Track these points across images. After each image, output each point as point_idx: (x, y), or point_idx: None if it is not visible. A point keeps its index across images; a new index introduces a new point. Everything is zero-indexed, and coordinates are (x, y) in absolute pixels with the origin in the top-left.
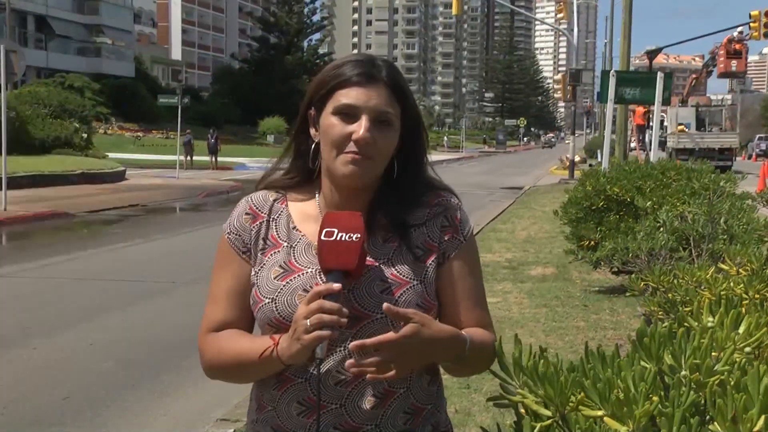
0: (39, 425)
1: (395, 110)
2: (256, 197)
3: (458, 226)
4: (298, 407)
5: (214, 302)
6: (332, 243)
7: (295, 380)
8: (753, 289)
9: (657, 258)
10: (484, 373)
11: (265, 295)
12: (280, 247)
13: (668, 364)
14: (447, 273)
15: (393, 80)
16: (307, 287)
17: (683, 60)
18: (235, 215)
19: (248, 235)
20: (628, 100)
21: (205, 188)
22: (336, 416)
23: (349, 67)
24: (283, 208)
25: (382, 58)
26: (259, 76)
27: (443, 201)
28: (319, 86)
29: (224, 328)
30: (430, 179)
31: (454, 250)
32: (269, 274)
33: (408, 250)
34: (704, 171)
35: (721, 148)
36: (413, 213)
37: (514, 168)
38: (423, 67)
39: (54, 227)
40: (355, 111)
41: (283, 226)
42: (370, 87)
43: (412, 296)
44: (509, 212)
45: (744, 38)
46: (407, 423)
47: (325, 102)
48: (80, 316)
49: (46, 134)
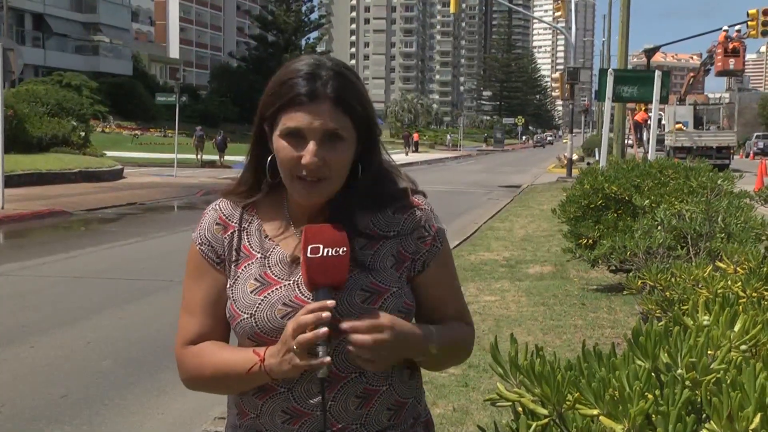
0: (37, 423)
1: (344, 122)
2: (224, 206)
3: (435, 235)
4: (282, 416)
5: (189, 314)
6: (319, 259)
7: (278, 389)
8: (750, 288)
9: (655, 256)
10: (482, 372)
11: (243, 310)
12: (253, 258)
13: (664, 363)
14: (426, 280)
15: (337, 93)
16: (287, 300)
17: (681, 58)
18: (204, 226)
19: (221, 246)
20: (626, 99)
21: (202, 186)
22: (321, 422)
23: (293, 84)
24: (253, 217)
25: (329, 62)
26: (256, 74)
27: (417, 209)
28: (266, 105)
29: (201, 340)
30: (393, 175)
31: (432, 259)
32: (245, 288)
33: (386, 258)
34: (702, 169)
35: (718, 146)
36: (387, 218)
37: (511, 166)
38: (421, 66)
39: (52, 225)
40: (302, 133)
41: (255, 236)
42: (313, 105)
43: (393, 303)
44: (507, 211)
45: (742, 36)
46: (391, 419)
47: (274, 121)
48: (78, 314)
49: (43, 132)
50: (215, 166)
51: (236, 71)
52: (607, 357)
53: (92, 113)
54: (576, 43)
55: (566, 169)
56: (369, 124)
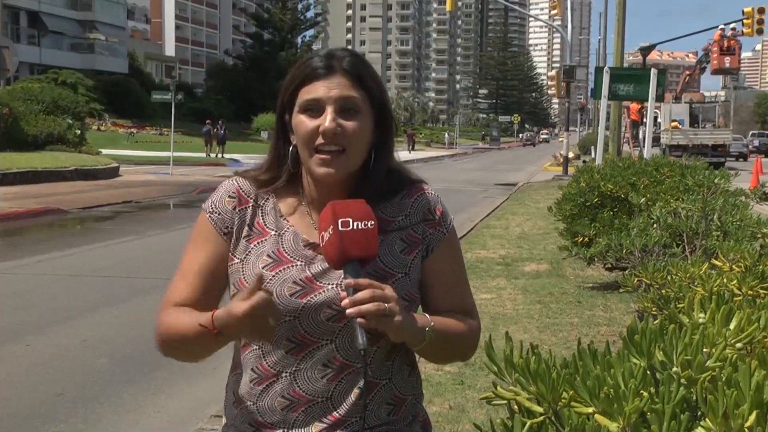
0: (32, 421)
1: (360, 95)
2: (242, 181)
3: (441, 218)
4: (282, 401)
5: (183, 278)
6: (351, 232)
7: (280, 375)
8: (746, 286)
9: (650, 254)
10: (478, 370)
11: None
12: (267, 235)
13: (659, 361)
14: (431, 265)
15: (353, 67)
16: (297, 279)
17: (677, 57)
18: (218, 196)
19: (230, 219)
20: (622, 97)
21: (199, 184)
22: (323, 409)
23: (309, 63)
24: (269, 196)
25: (346, 49)
26: (252, 72)
27: (424, 194)
28: (285, 89)
29: (186, 306)
30: (402, 168)
31: (437, 243)
32: (257, 263)
33: (393, 243)
34: (698, 167)
35: (714, 144)
36: (395, 205)
37: (507, 164)
38: (417, 64)
39: (47, 224)
40: (319, 104)
41: (270, 215)
42: (330, 78)
43: (398, 289)
44: (503, 209)
45: (737, 35)
46: (390, 414)
47: (293, 103)
48: (74, 312)
49: (39, 130)
50: (219, 162)
51: (232, 69)
52: (602, 355)
53: (88, 111)
54: (572, 41)
55: (562, 167)
56: (384, 108)
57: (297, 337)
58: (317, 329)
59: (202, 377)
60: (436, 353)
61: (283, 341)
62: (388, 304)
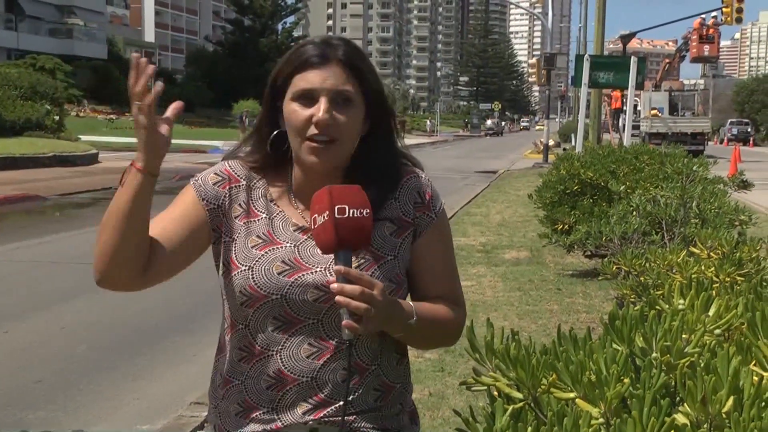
0: (11, 409)
1: (354, 87)
2: (233, 163)
3: (430, 203)
4: (268, 380)
5: (153, 223)
6: (346, 220)
7: (265, 353)
8: (724, 273)
9: (630, 242)
10: (458, 356)
11: (241, 262)
12: (257, 217)
13: (639, 347)
14: (419, 249)
15: (348, 57)
16: (286, 259)
17: (657, 45)
18: (205, 171)
19: (212, 192)
20: (602, 85)
21: (178, 171)
22: (307, 389)
23: (304, 50)
24: (260, 179)
25: (340, 38)
26: (233, 58)
27: (414, 178)
28: (278, 73)
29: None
30: (401, 155)
31: (426, 227)
32: (247, 242)
33: (383, 225)
34: (677, 155)
35: (693, 132)
36: (385, 188)
37: (488, 152)
38: (398, 51)
39: (26, 210)
40: (313, 93)
41: (261, 198)
42: (325, 67)
43: (386, 271)
44: (483, 196)
45: (717, 23)
46: (377, 400)
47: (286, 90)
48: (53, 299)
49: (17, 116)
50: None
51: (212, 56)
52: (582, 341)
53: (66, 97)
54: (552, 29)
55: (542, 154)
56: (380, 98)
57: (283, 314)
58: (303, 308)
59: (182, 364)
60: (418, 340)
61: (270, 319)
62: (374, 308)
